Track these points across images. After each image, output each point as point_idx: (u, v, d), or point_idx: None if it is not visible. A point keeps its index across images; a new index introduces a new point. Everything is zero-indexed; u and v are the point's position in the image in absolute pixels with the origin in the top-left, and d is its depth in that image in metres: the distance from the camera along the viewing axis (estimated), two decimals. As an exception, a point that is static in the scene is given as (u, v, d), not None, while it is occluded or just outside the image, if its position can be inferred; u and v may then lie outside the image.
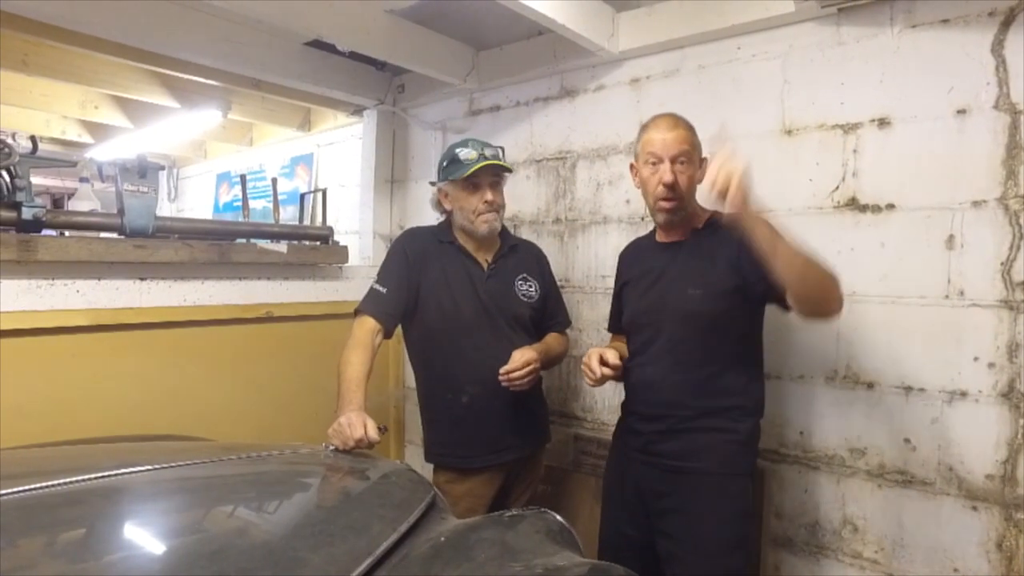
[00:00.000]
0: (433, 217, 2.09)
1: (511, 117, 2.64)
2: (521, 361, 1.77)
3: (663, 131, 1.60)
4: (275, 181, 2.94)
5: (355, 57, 2.64)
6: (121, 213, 1.99)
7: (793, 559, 1.93)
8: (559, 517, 1.15)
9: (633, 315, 1.75)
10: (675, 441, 1.58)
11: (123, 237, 2.00)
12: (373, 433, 1.48)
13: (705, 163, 1.65)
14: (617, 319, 1.86)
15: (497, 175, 1.90)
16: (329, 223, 3.07)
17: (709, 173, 1.30)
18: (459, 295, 1.90)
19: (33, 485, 1.00)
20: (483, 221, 1.88)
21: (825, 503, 1.88)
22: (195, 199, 4.88)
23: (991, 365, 1.62)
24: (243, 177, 2.98)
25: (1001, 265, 1.60)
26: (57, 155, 3.93)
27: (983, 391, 1.63)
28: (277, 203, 2.86)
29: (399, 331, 1.95)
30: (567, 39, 2.13)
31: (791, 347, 1.91)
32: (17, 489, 0.98)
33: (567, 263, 2.46)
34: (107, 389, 1.95)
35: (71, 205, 4.06)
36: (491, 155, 1.87)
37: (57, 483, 1.02)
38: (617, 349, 1.74)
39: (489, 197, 1.87)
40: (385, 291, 1.85)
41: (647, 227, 2.23)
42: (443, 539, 1.01)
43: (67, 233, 2.02)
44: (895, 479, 1.76)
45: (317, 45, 2.49)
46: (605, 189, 2.36)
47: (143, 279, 2.03)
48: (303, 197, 3.53)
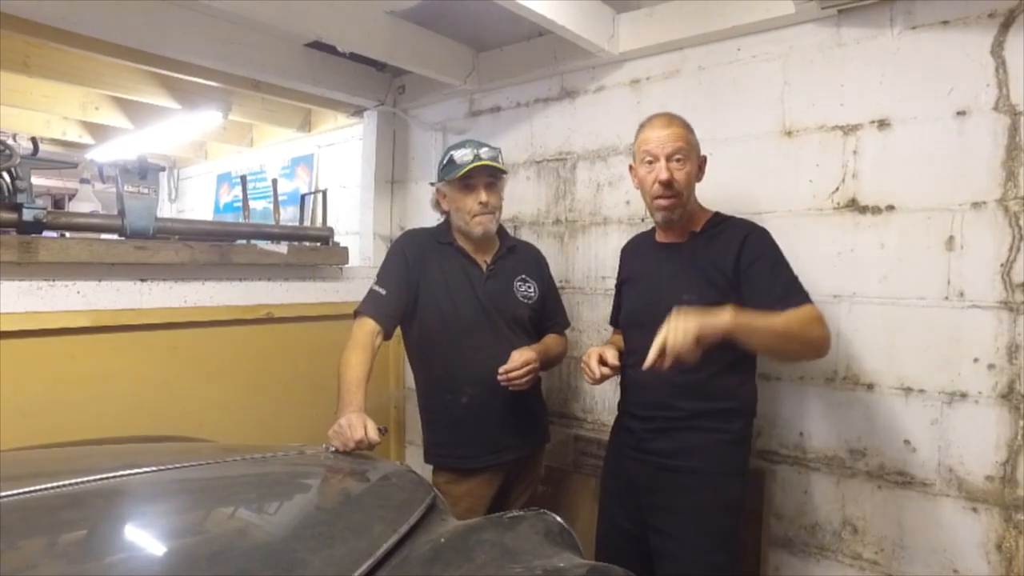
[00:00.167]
0: (434, 218, 2.10)
1: (511, 118, 2.64)
2: (520, 361, 1.77)
3: (658, 129, 1.61)
4: (275, 182, 2.95)
5: (355, 58, 2.64)
6: (122, 214, 2.00)
7: (793, 560, 1.93)
8: (559, 518, 1.15)
9: (628, 315, 1.77)
10: (666, 439, 1.60)
11: (124, 238, 2.00)
12: (373, 434, 1.48)
13: (704, 162, 1.66)
14: (618, 314, 1.88)
15: (493, 176, 1.90)
16: (329, 224, 3.08)
17: (653, 351, 1.33)
18: (458, 296, 1.90)
19: (34, 487, 1.00)
20: (477, 223, 1.89)
21: (825, 504, 1.88)
22: (195, 200, 4.89)
23: (991, 366, 1.62)
24: (243, 178, 2.99)
25: (1001, 266, 1.60)
26: (58, 156, 3.93)
27: (983, 392, 1.63)
28: (277, 204, 2.87)
29: (399, 332, 1.95)
30: (567, 40, 2.14)
31: (791, 348, 1.91)
32: (18, 491, 0.98)
33: (567, 264, 2.46)
34: (108, 390, 1.95)
35: (72, 206, 4.08)
36: (487, 156, 1.86)
37: (58, 484, 1.02)
38: (617, 345, 1.76)
39: (483, 198, 1.87)
40: (385, 292, 1.85)
41: (647, 228, 2.24)
42: (443, 540, 1.01)
43: (68, 234, 2.03)
44: (895, 480, 1.76)
45: (317, 46, 2.50)
46: (605, 190, 2.36)
47: (144, 280, 2.03)
48: (303, 198, 3.54)
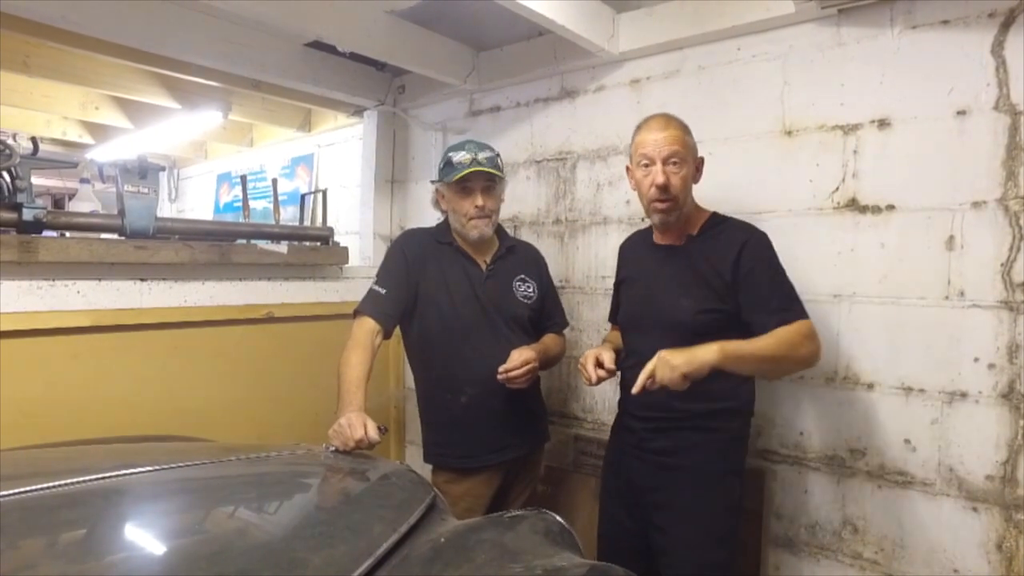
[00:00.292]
0: (434, 218, 2.10)
1: (511, 118, 2.64)
2: (520, 361, 1.77)
3: (654, 132, 1.60)
4: (275, 182, 2.95)
5: (355, 58, 2.64)
6: (122, 214, 2.00)
7: (793, 559, 1.93)
8: (559, 518, 1.15)
9: (626, 317, 1.78)
10: (666, 438, 1.62)
11: (124, 238, 2.00)
12: (373, 434, 1.48)
13: (702, 164, 1.66)
14: (617, 312, 1.88)
15: (491, 180, 1.90)
16: (329, 224, 3.08)
17: (642, 379, 1.41)
18: (458, 296, 1.90)
19: (34, 486, 1.00)
20: (473, 226, 1.89)
21: (825, 504, 1.88)
22: (195, 200, 4.89)
23: (991, 366, 1.62)
24: (243, 178, 2.99)
25: (1001, 266, 1.60)
26: (58, 156, 3.93)
27: (983, 392, 1.63)
28: (277, 204, 2.87)
29: (398, 331, 1.95)
30: (567, 40, 2.14)
31: (791, 348, 1.91)
32: (18, 490, 0.98)
33: (567, 264, 2.46)
34: (108, 390, 1.95)
35: (72, 206, 4.08)
36: (484, 159, 1.86)
37: (58, 484, 1.02)
38: (614, 344, 1.77)
39: (480, 202, 1.87)
40: (384, 292, 1.85)
41: (646, 227, 2.24)
42: (443, 540, 1.01)
43: (68, 234, 2.03)
44: (895, 480, 1.76)
45: (317, 46, 2.50)
46: (605, 190, 2.36)
47: (144, 280, 2.03)
48: (303, 198, 3.54)
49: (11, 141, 1.80)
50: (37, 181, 2.80)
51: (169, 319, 2.08)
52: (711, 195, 1.77)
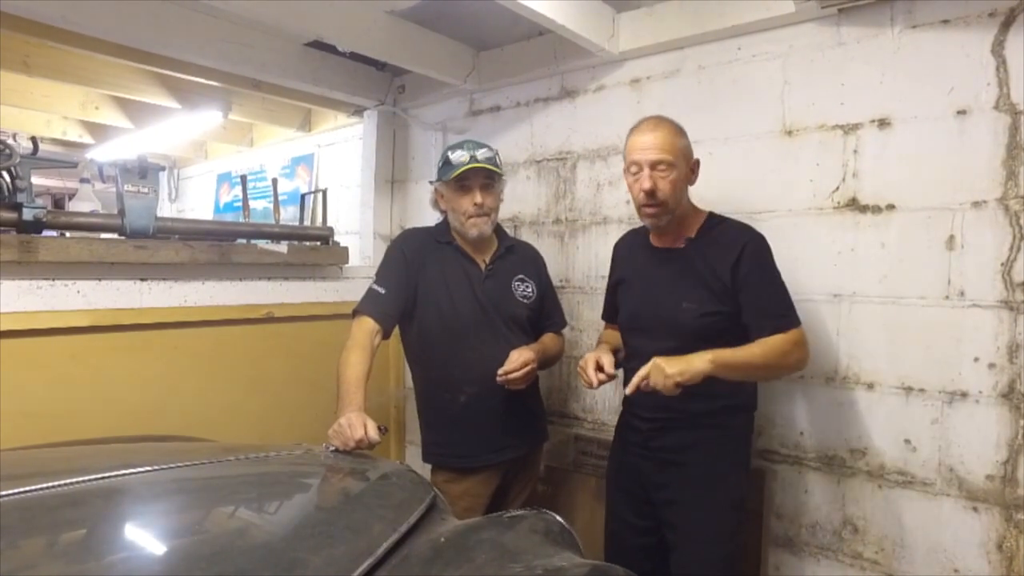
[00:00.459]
0: (434, 218, 2.09)
1: (511, 118, 2.64)
2: (519, 361, 1.77)
3: (642, 136, 1.61)
4: (275, 181, 2.94)
5: (355, 58, 2.64)
6: (122, 214, 1.99)
7: (793, 559, 1.93)
8: (559, 518, 1.15)
9: (627, 320, 1.77)
10: (672, 436, 1.64)
11: (124, 238, 2.00)
12: (373, 433, 1.48)
13: (697, 165, 1.65)
14: (611, 310, 1.89)
15: (489, 178, 1.89)
16: (329, 223, 3.07)
17: (635, 381, 1.47)
18: (457, 295, 1.90)
19: (34, 486, 1.00)
20: (472, 224, 1.89)
21: (825, 504, 1.88)
22: (196, 200, 4.88)
23: (991, 366, 1.61)
24: (243, 178, 2.99)
25: (1001, 266, 1.60)
26: (58, 156, 3.93)
27: (983, 392, 1.63)
28: (277, 204, 2.87)
29: (398, 331, 1.95)
30: (567, 39, 2.14)
31: (791, 348, 1.91)
32: (18, 490, 0.98)
33: (567, 263, 2.46)
34: (107, 390, 1.95)
35: (72, 206, 4.08)
36: (483, 157, 1.86)
37: (58, 484, 1.02)
38: (611, 344, 1.77)
39: (478, 200, 1.87)
40: (384, 291, 1.85)
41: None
42: (443, 540, 1.01)
43: (68, 234, 2.03)
44: (895, 480, 1.76)
45: (317, 46, 2.50)
46: (605, 189, 2.36)
47: (144, 280, 2.03)
48: (303, 197, 3.54)
49: (11, 141, 1.81)
50: (37, 181, 2.80)
51: (169, 319, 2.08)
52: (711, 195, 1.77)
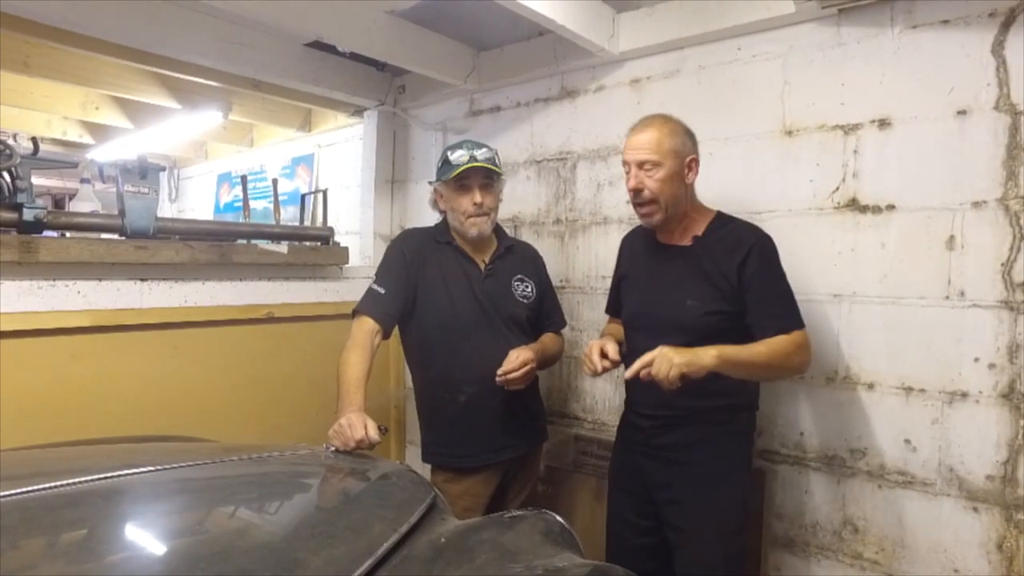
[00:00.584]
0: (434, 218, 2.09)
1: (511, 118, 2.64)
2: (518, 362, 1.77)
3: (633, 136, 1.63)
4: (276, 182, 2.95)
5: (355, 58, 2.64)
6: (122, 214, 2.00)
7: (794, 559, 1.93)
8: (559, 518, 1.15)
9: (631, 316, 1.77)
10: (674, 434, 1.63)
11: (124, 238, 2.00)
12: (373, 434, 1.48)
13: (694, 163, 1.63)
14: (615, 305, 1.89)
15: (488, 177, 1.90)
16: (330, 224, 3.08)
17: (637, 365, 1.46)
18: (456, 295, 1.90)
19: (34, 486, 1.00)
20: (472, 224, 1.89)
21: (825, 504, 1.88)
22: (196, 200, 4.89)
23: (991, 366, 1.62)
24: (244, 178, 2.99)
25: (1001, 266, 1.60)
26: (58, 156, 3.93)
27: (983, 392, 1.63)
28: (278, 204, 2.87)
29: (397, 331, 1.95)
30: (567, 40, 2.14)
31: (791, 348, 1.91)
32: (19, 490, 0.98)
33: (567, 263, 2.46)
34: (108, 390, 1.95)
35: (72, 206, 4.07)
36: (482, 157, 1.86)
37: (58, 484, 1.02)
38: (615, 336, 1.76)
39: (478, 199, 1.87)
40: (383, 291, 1.85)
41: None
42: (443, 540, 1.01)
43: (68, 234, 2.03)
44: (895, 480, 1.76)
45: (317, 46, 2.50)
46: (605, 189, 2.36)
47: (144, 280, 2.03)
48: (304, 198, 3.54)
49: (11, 141, 1.81)
50: (37, 181, 2.80)
51: (169, 319, 2.08)
52: (711, 195, 1.77)
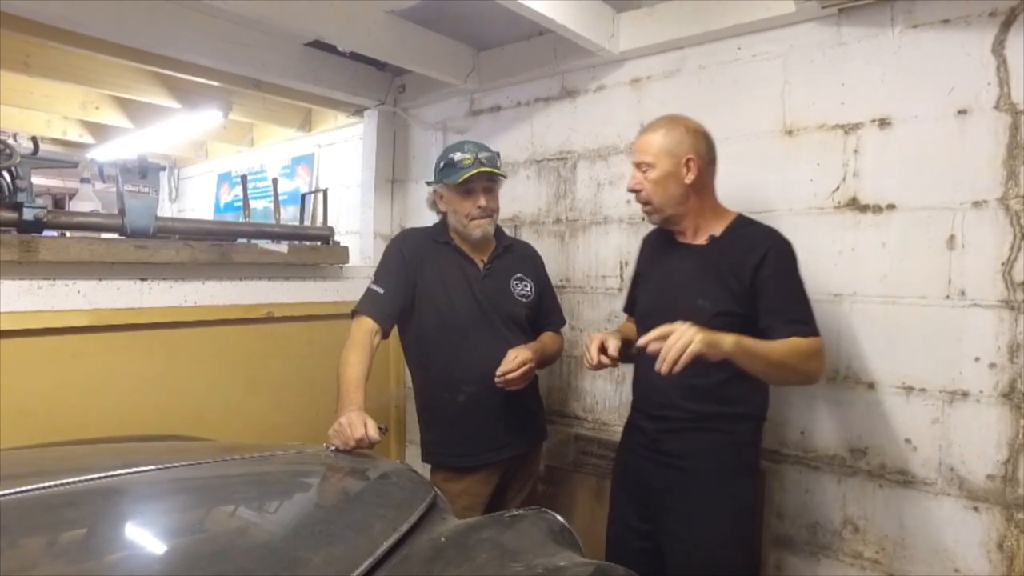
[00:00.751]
0: (434, 217, 2.09)
1: (512, 117, 2.64)
2: (516, 362, 1.77)
3: (638, 138, 1.66)
4: (276, 181, 2.95)
5: (356, 57, 2.64)
6: (122, 213, 1.99)
7: (794, 559, 1.92)
8: (559, 517, 1.15)
9: (642, 313, 1.75)
10: (676, 440, 1.60)
11: (124, 237, 2.00)
12: (373, 433, 1.48)
13: (692, 163, 1.58)
14: (631, 303, 1.87)
15: (491, 179, 1.90)
16: (330, 223, 3.08)
17: (654, 334, 1.38)
18: (455, 295, 1.90)
19: (34, 485, 1.00)
20: (476, 226, 1.89)
21: (826, 503, 1.87)
22: (196, 199, 4.88)
23: (992, 365, 1.61)
24: (244, 177, 2.99)
25: (1002, 265, 1.60)
26: (58, 156, 3.93)
27: (984, 391, 1.63)
28: (278, 203, 2.87)
29: (397, 331, 1.95)
30: (568, 39, 2.13)
31: (792, 347, 1.91)
32: (18, 489, 0.98)
33: (567, 263, 2.46)
34: (108, 389, 1.95)
35: (72, 205, 4.08)
36: (486, 160, 1.87)
37: (58, 483, 1.02)
38: (625, 334, 1.75)
39: (483, 202, 1.88)
40: (383, 291, 1.85)
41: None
42: (444, 539, 1.01)
43: (68, 234, 2.03)
44: (896, 479, 1.76)
45: (318, 45, 2.50)
46: (606, 189, 2.36)
47: (144, 279, 2.03)
48: (304, 197, 3.54)
49: (12, 141, 1.81)
50: (37, 181, 2.79)
51: (169, 319, 2.08)
52: (712, 194, 1.77)
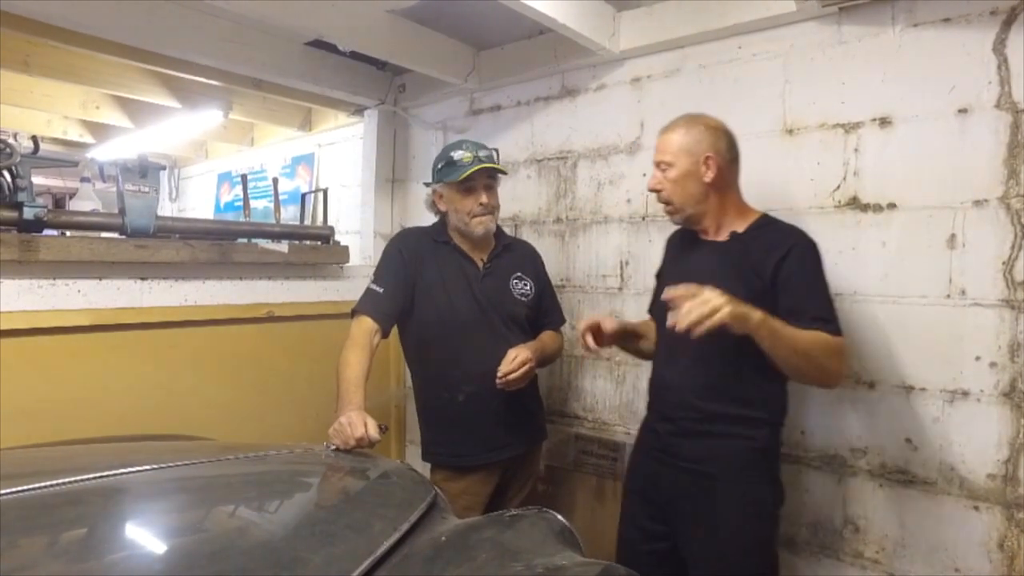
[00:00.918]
0: (433, 217, 2.09)
1: (512, 117, 2.64)
2: (517, 361, 1.77)
3: (658, 137, 1.64)
4: (276, 181, 2.94)
5: (356, 57, 2.64)
6: (122, 213, 1.99)
7: (794, 559, 1.92)
8: (560, 517, 1.14)
9: (660, 309, 1.72)
10: (690, 444, 1.57)
11: (124, 237, 2.00)
12: (374, 432, 1.48)
13: (711, 161, 1.55)
14: (652, 303, 1.84)
15: (492, 177, 1.91)
16: (330, 223, 3.08)
17: (682, 290, 1.37)
18: (455, 294, 1.90)
19: (34, 485, 1.00)
20: (478, 223, 1.89)
21: (826, 503, 1.87)
22: (196, 199, 4.89)
23: (993, 364, 1.61)
24: (244, 177, 2.99)
25: (1003, 264, 1.60)
26: (58, 155, 3.93)
27: (984, 391, 1.62)
28: (278, 203, 2.87)
29: (397, 330, 1.95)
30: (568, 39, 2.13)
31: (792, 347, 1.91)
32: (18, 489, 0.98)
33: (568, 263, 2.46)
34: (108, 389, 1.95)
35: (72, 205, 4.07)
36: (485, 157, 1.87)
37: (58, 483, 1.02)
38: (638, 328, 1.76)
39: (484, 199, 1.88)
40: (382, 291, 1.85)
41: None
42: (444, 539, 1.01)
43: (68, 233, 2.03)
44: (896, 479, 1.76)
45: (318, 45, 2.49)
46: (606, 189, 2.36)
47: (144, 279, 2.03)
48: (304, 197, 3.54)
49: (12, 140, 1.80)
50: (38, 180, 2.79)
51: (170, 318, 2.08)
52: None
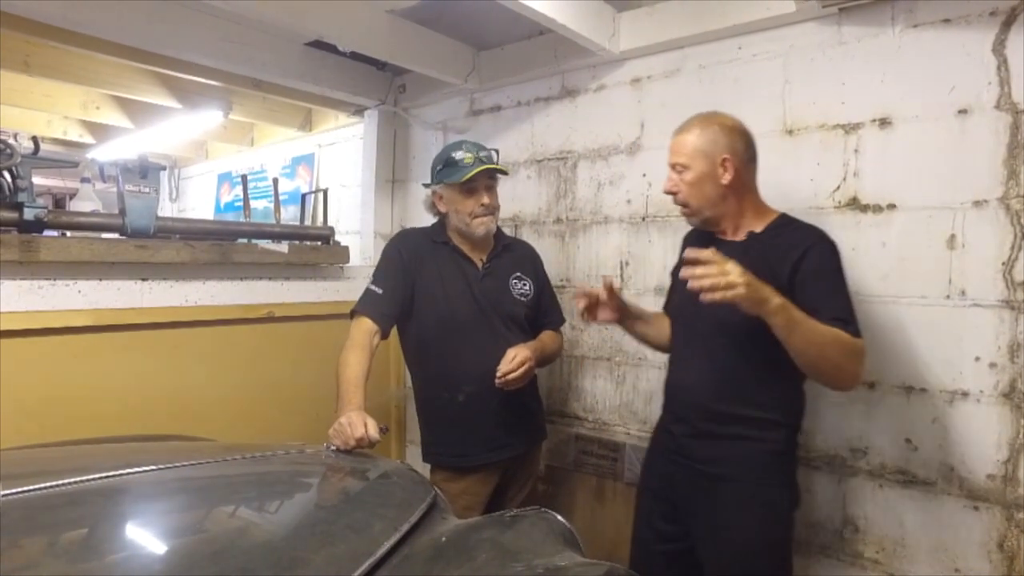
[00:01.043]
0: (433, 217, 2.09)
1: (512, 117, 2.64)
2: (516, 361, 1.78)
3: (672, 138, 1.62)
4: (276, 181, 2.94)
5: (356, 57, 2.64)
6: (123, 213, 2.00)
7: (795, 559, 1.91)
8: (560, 517, 1.14)
9: (674, 310, 1.73)
10: (704, 446, 1.56)
11: (125, 237, 2.00)
12: (374, 432, 1.48)
13: (728, 163, 1.54)
14: (667, 302, 1.85)
15: (492, 177, 1.91)
16: (330, 223, 3.08)
17: (707, 254, 1.32)
18: (454, 295, 1.90)
19: (35, 485, 1.00)
20: (479, 223, 1.90)
21: (826, 503, 1.87)
22: (196, 199, 4.89)
23: (992, 365, 1.61)
24: (244, 177, 2.98)
25: (1002, 265, 1.60)
26: (59, 155, 3.93)
27: (984, 391, 1.63)
28: (278, 203, 2.87)
29: (397, 330, 1.95)
30: (568, 39, 2.13)
31: (792, 347, 1.91)
32: (19, 489, 0.98)
33: (568, 263, 2.46)
34: (108, 389, 1.95)
35: (73, 205, 4.07)
36: (486, 158, 1.88)
37: (59, 483, 1.02)
38: (646, 313, 1.78)
39: (485, 200, 1.88)
40: (381, 292, 1.85)
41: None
42: (444, 539, 1.01)
43: (69, 233, 2.03)
44: (896, 479, 1.76)
45: (318, 45, 2.50)
46: (606, 189, 2.36)
47: (144, 279, 2.03)
48: (304, 197, 3.54)
49: (12, 141, 1.80)
50: (38, 181, 2.79)
51: (170, 318, 2.08)
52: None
